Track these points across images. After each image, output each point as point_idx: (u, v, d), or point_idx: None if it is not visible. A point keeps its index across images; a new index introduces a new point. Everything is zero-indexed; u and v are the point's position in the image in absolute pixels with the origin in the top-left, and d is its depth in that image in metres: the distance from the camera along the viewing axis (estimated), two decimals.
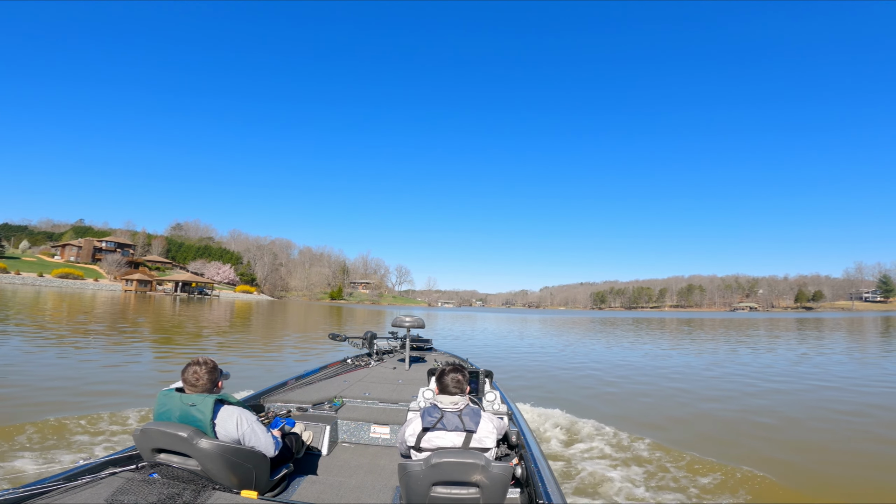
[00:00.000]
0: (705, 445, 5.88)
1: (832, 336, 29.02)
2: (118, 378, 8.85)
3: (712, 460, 5.17)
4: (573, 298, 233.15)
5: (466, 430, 2.48)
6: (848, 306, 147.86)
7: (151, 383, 8.40)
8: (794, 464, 5.44)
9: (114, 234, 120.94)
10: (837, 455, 5.88)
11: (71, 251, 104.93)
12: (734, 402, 9.04)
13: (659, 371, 13.05)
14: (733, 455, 5.47)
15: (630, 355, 17.34)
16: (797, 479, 4.91)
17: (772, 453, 5.80)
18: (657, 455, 5.31)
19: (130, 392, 7.62)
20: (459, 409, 2.56)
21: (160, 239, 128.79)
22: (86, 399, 7.05)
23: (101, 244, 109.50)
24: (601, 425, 6.26)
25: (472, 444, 2.47)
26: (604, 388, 10.30)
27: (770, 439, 6.46)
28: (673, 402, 8.98)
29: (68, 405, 6.55)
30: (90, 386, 8.01)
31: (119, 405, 6.38)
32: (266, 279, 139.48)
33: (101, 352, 12.25)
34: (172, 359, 12.19)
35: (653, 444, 5.66)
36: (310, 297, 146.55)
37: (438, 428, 2.50)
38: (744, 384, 11.06)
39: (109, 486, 2.16)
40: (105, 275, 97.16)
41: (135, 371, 9.78)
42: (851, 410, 8.38)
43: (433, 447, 2.47)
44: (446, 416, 2.53)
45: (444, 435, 2.49)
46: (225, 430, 2.47)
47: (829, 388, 10.67)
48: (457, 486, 2.23)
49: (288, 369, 9.99)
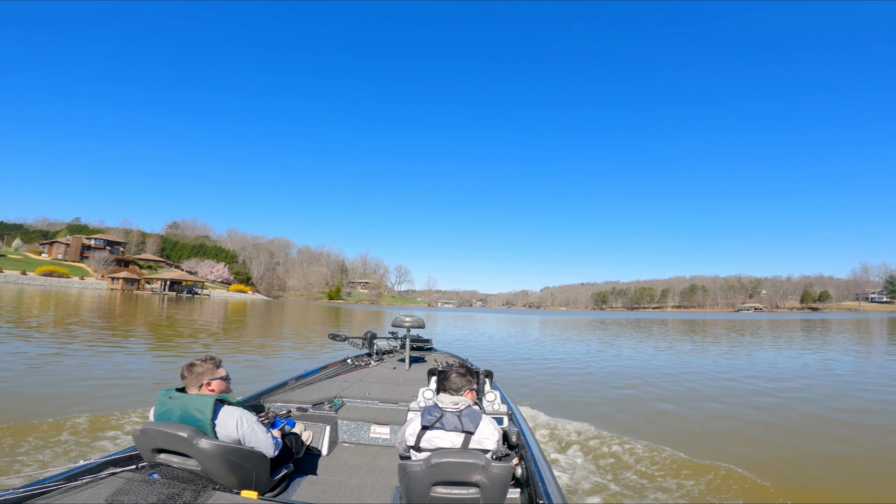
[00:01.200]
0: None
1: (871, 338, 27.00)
2: (88, 378, 8.70)
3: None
4: (574, 299, 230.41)
5: (465, 431, 2.48)
6: (855, 307, 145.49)
7: (117, 384, 8.23)
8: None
9: (107, 232, 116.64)
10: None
11: (59, 249, 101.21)
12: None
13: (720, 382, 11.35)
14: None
15: (691, 364, 15.01)
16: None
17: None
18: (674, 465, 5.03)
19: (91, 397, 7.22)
20: (460, 410, 2.56)
21: (155, 237, 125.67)
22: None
23: (89, 241, 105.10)
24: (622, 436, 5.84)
25: (470, 445, 2.46)
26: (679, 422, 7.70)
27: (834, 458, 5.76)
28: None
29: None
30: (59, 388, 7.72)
31: (101, 410, 6.16)
32: (262, 278, 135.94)
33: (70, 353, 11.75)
34: (155, 356, 11.80)
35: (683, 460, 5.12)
36: (307, 296, 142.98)
37: (437, 427, 2.51)
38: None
39: (109, 486, 2.16)
40: (92, 273, 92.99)
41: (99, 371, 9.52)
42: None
43: (432, 447, 2.47)
44: (446, 415, 2.53)
45: (443, 435, 2.50)
46: (225, 431, 2.47)
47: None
48: (457, 487, 2.22)
49: (271, 376, 9.40)
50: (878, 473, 5.35)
